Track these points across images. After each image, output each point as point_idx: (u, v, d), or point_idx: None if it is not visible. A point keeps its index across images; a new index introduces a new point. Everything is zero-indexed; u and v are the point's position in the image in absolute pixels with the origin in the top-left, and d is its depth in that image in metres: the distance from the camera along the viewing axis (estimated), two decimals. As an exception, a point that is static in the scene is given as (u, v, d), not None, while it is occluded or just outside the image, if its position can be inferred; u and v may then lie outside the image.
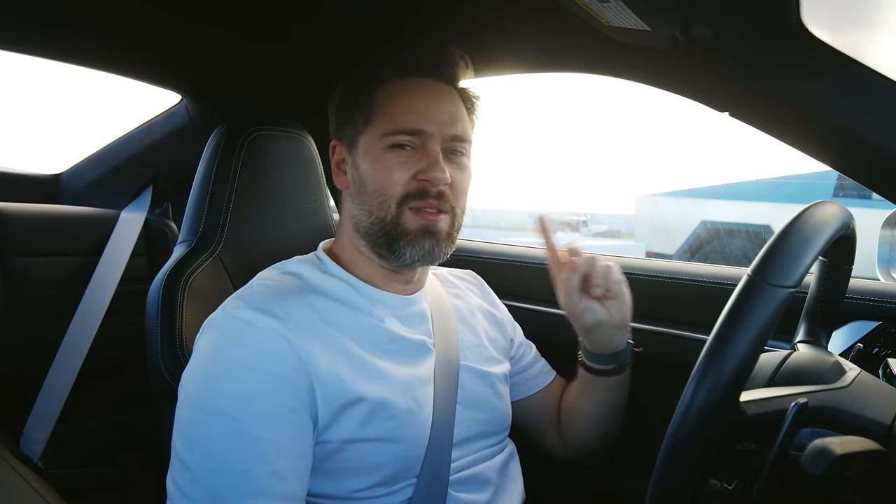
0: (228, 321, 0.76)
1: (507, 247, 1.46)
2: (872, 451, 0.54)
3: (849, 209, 0.67)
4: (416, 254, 0.83)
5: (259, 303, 0.77)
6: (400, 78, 0.86)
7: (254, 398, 0.72)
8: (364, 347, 0.81)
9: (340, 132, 0.89)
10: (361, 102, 0.86)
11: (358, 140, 0.86)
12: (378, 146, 0.84)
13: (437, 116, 0.84)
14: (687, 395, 0.54)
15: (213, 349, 0.75)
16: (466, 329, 0.97)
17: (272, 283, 0.83)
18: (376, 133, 0.84)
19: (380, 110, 0.84)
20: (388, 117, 0.84)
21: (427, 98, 0.85)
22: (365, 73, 0.88)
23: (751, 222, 4.76)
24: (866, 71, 0.76)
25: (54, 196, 1.59)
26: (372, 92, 0.86)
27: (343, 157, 0.89)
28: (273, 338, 0.74)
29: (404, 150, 0.83)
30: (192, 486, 0.70)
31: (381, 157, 0.83)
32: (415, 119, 0.83)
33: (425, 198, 0.82)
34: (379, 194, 0.83)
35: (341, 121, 0.89)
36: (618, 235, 7.39)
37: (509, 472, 0.94)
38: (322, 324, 0.80)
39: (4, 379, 1.29)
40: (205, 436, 0.72)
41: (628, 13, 0.71)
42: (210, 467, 0.70)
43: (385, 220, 0.83)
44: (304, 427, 0.74)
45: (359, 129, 0.86)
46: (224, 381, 0.73)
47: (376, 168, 0.84)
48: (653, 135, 11.50)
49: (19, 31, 1.01)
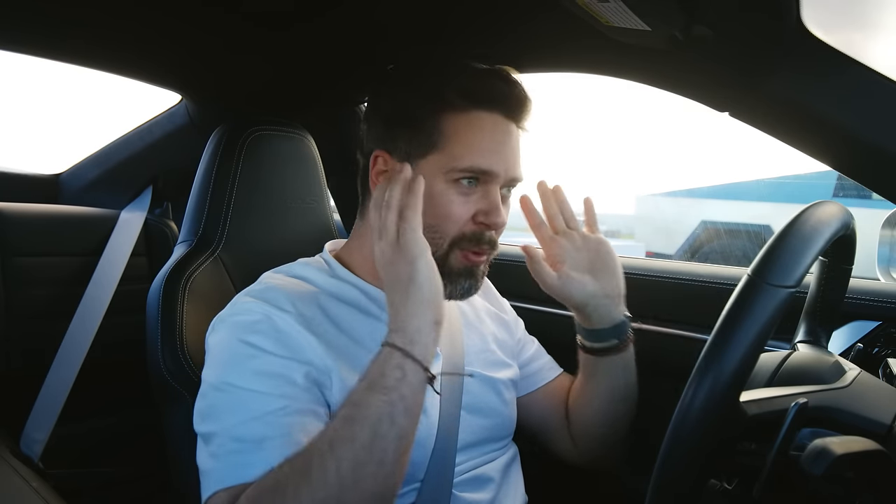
0: (241, 314, 0.77)
1: (508, 247, 1.46)
2: (872, 451, 0.54)
3: (849, 209, 0.67)
4: (455, 292, 0.83)
5: (271, 298, 0.78)
6: (472, 109, 0.81)
7: (272, 375, 0.73)
8: (369, 350, 0.81)
9: (391, 144, 0.83)
10: (426, 123, 0.81)
11: (416, 163, 0.81)
12: (441, 177, 0.80)
13: (505, 158, 0.82)
14: (687, 395, 0.54)
15: (227, 339, 0.76)
16: (473, 334, 0.96)
17: (281, 283, 0.83)
18: (443, 163, 0.80)
19: (450, 139, 0.80)
20: (460, 150, 0.79)
21: (499, 137, 0.82)
22: (433, 93, 0.82)
23: (751, 222, 4.76)
24: (866, 71, 0.76)
25: (54, 196, 1.59)
26: (441, 116, 0.81)
27: (386, 170, 0.83)
28: (286, 328, 0.76)
29: (467, 186, 0.81)
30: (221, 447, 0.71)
31: (443, 190, 0.80)
32: (487, 160, 0.80)
33: (479, 244, 0.82)
34: (433, 230, 0.80)
35: (393, 134, 0.83)
36: (618, 235, 7.38)
37: (511, 472, 0.94)
38: (330, 326, 0.80)
39: (4, 379, 1.29)
40: (227, 406, 0.72)
41: (628, 13, 0.71)
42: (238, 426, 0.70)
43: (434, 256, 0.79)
44: (321, 402, 0.75)
45: (420, 151, 0.81)
46: (241, 362, 0.74)
47: (436, 201, 0.80)
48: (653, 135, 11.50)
49: (19, 31, 1.01)
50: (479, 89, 0.81)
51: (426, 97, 0.82)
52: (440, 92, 0.81)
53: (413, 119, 0.82)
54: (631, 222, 6.39)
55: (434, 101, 0.81)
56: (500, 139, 0.82)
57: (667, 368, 0.96)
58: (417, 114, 0.82)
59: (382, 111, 0.86)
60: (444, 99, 0.81)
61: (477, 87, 0.81)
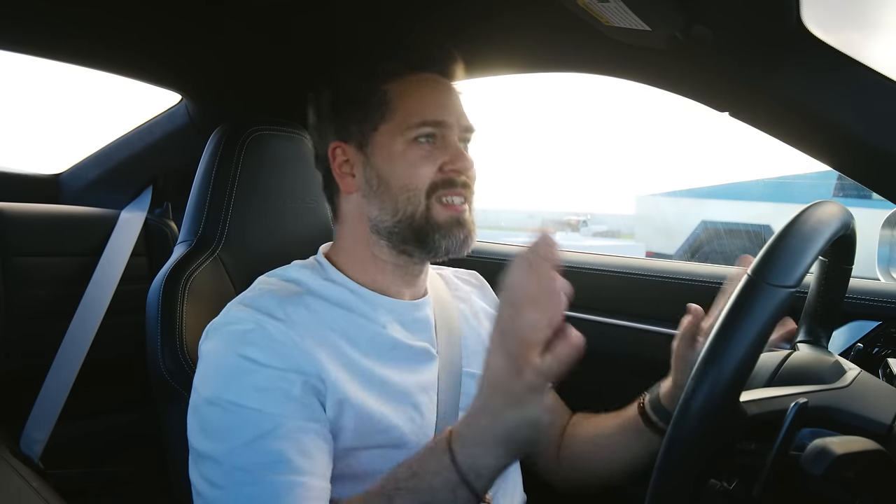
0: (234, 323, 0.77)
1: (508, 247, 1.46)
2: (872, 451, 0.54)
3: (849, 209, 0.67)
4: (452, 245, 0.83)
5: (263, 307, 0.78)
6: (411, 73, 0.85)
7: (268, 390, 0.72)
8: (366, 354, 0.81)
9: (342, 132, 0.87)
10: (371, 99, 0.84)
11: (371, 138, 0.85)
12: (399, 141, 0.83)
13: (452, 106, 0.85)
14: (687, 395, 0.54)
15: (221, 350, 0.75)
16: (471, 334, 0.96)
17: (274, 288, 0.83)
18: (396, 128, 0.83)
19: (397, 105, 0.84)
20: (409, 111, 0.83)
21: (443, 92, 0.86)
22: (370, 69, 0.86)
23: (751, 222, 4.76)
24: (866, 71, 0.76)
25: (54, 196, 1.59)
26: (382, 87, 0.84)
27: (347, 159, 0.87)
28: (280, 338, 0.75)
29: (426, 144, 0.83)
30: (221, 474, 0.70)
31: (403, 151, 0.82)
32: (436, 111, 0.83)
33: (454, 187, 0.83)
34: (405, 189, 0.82)
35: (343, 120, 0.87)
36: (618, 235, 7.38)
37: (509, 473, 0.94)
38: (325, 329, 0.79)
39: (4, 379, 1.29)
40: (227, 427, 0.72)
41: (628, 13, 0.71)
42: (237, 452, 0.70)
43: (415, 216, 0.82)
44: (320, 413, 0.75)
45: (370, 126, 0.84)
46: (237, 377, 0.73)
47: (399, 163, 0.82)
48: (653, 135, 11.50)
49: (19, 31, 1.01)
50: (414, 55, 0.86)
51: (366, 75, 0.86)
52: (377, 66, 0.85)
53: (358, 100, 0.85)
54: (631, 222, 6.40)
55: (374, 76, 0.85)
56: (444, 94, 0.86)
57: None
58: (361, 93, 0.85)
59: (327, 102, 0.88)
60: (384, 70, 0.85)
61: (412, 53, 0.86)
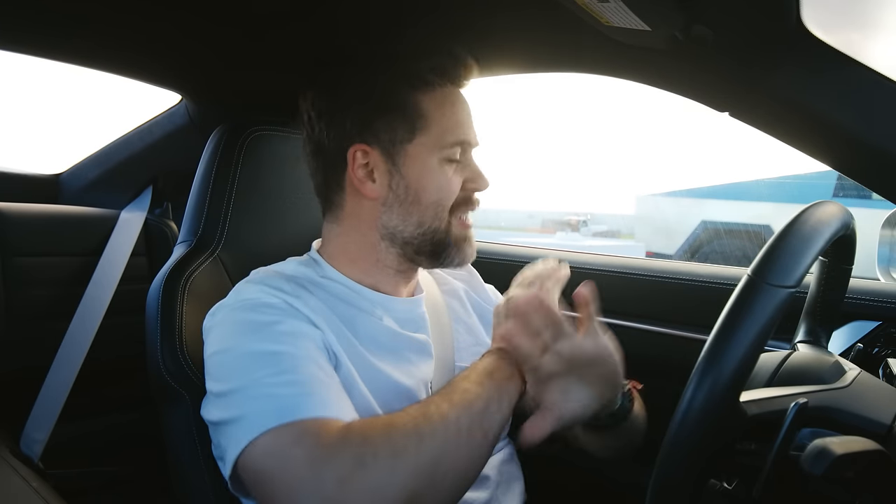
0: (248, 296, 0.77)
1: (508, 247, 1.47)
2: (872, 451, 0.54)
3: (849, 209, 0.67)
4: (463, 259, 0.88)
5: (273, 283, 0.79)
6: (439, 85, 0.85)
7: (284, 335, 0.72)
8: (366, 346, 0.81)
9: (367, 136, 0.84)
10: (406, 108, 0.83)
11: (403, 148, 0.83)
12: (435, 157, 0.83)
13: (473, 127, 0.88)
14: (687, 395, 0.54)
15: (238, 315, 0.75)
16: (462, 329, 0.96)
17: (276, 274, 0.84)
18: (434, 143, 0.83)
19: (431, 119, 0.83)
20: (447, 128, 0.84)
21: (466, 108, 0.88)
22: (405, 75, 0.84)
23: (751, 222, 4.76)
24: (866, 71, 0.76)
25: (54, 196, 1.59)
26: (415, 96, 0.83)
27: (367, 163, 0.84)
28: (289, 308, 0.76)
29: (455, 160, 0.85)
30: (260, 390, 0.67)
31: (437, 167, 0.84)
32: (467, 131, 0.86)
33: (471, 204, 0.87)
34: (436, 205, 0.84)
35: (369, 124, 0.84)
36: (618, 235, 7.38)
37: (509, 470, 0.94)
38: (328, 311, 0.80)
39: (4, 379, 1.29)
40: (242, 365, 0.70)
41: (628, 13, 0.71)
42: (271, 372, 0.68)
43: (437, 231, 0.85)
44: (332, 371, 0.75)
45: (404, 136, 0.83)
46: (249, 332, 0.73)
47: (435, 179, 0.84)
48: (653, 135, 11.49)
49: (19, 31, 1.01)
50: (448, 66, 0.85)
51: (401, 79, 0.84)
52: (416, 72, 0.84)
53: (390, 104, 0.83)
54: (631, 222, 6.40)
55: (411, 82, 0.84)
56: (467, 110, 0.88)
57: (667, 368, 0.96)
58: (395, 99, 0.83)
59: (349, 101, 0.85)
60: (421, 78, 0.84)
61: (447, 64, 0.85)
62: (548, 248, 1.43)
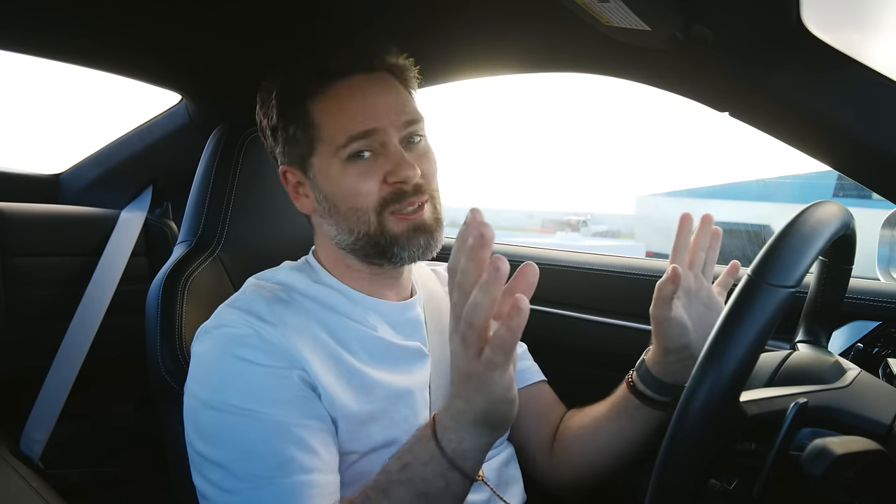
0: (227, 326, 0.76)
1: (507, 247, 1.46)
2: (872, 451, 0.54)
3: (849, 209, 0.67)
4: (414, 253, 0.81)
5: (254, 310, 0.77)
6: (327, 85, 0.80)
7: (264, 388, 0.72)
8: (357, 357, 0.80)
9: (287, 156, 0.84)
10: (298, 122, 0.81)
11: (309, 162, 0.82)
12: (335, 163, 0.79)
13: (382, 108, 0.79)
14: (687, 395, 0.54)
15: (215, 352, 0.75)
16: None
17: (264, 291, 0.82)
18: (327, 149, 0.80)
19: (322, 125, 0.80)
20: (335, 129, 0.79)
21: (365, 95, 0.80)
22: (292, 89, 0.82)
23: (751, 222, 4.76)
24: (866, 71, 0.76)
25: (54, 196, 1.59)
26: (304, 108, 0.81)
27: (298, 181, 0.85)
28: (273, 340, 0.75)
29: (363, 158, 0.79)
30: (230, 480, 0.70)
31: (341, 172, 0.79)
32: (362, 120, 0.78)
33: (403, 199, 0.79)
34: (353, 211, 0.80)
35: (282, 146, 0.84)
36: (618, 235, 7.38)
37: (508, 472, 0.94)
38: (316, 331, 0.79)
39: (4, 379, 1.29)
40: (229, 431, 0.71)
41: (628, 13, 0.71)
42: (243, 457, 0.70)
43: (369, 233, 0.80)
44: (319, 407, 0.75)
45: (306, 150, 0.82)
46: (232, 378, 0.73)
47: (341, 185, 0.79)
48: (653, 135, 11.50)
49: (20, 31, 1.01)
50: (322, 64, 0.80)
51: (285, 100, 0.82)
52: (292, 88, 0.81)
53: (289, 124, 0.82)
54: (631, 222, 6.41)
55: (297, 97, 0.81)
56: (369, 98, 0.79)
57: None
58: (289, 116, 0.82)
59: (267, 127, 0.86)
60: (303, 90, 0.81)
61: (320, 63, 0.80)
62: (548, 248, 1.43)
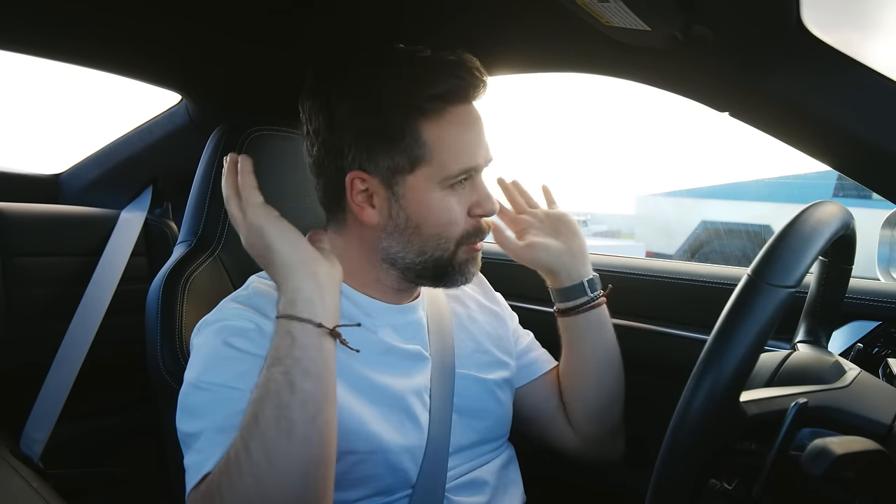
0: (228, 319, 0.77)
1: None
2: (872, 451, 0.54)
3: (849, 209, 0.67)
4: (465, 280, 0.86)
5: (257, 305, 0.78)
6: (446, 109, 0.79)
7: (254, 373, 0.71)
8: (356, 359, 0.80)
9: (366, 164, 0.79)
10: (405, 135, 0.77)
11: (404, 178, 0.79)
12: (437, 188, 0.79)
13: (484, 148, 0.83)
14: (687, 395, 0.54)
15: (213, 341, 0.75)
16: (465, 336, 0.95)
17: (267, 288, 0.82)
18: (435, 174, 0.78)
19: (435, 148, 0.78)
20: (449, 158, 0.78)
21: (475, 127, 0.82)
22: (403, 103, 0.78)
23: (751, 222, 4.76)
24: (866, 71, 0.76)
25: (54, 196, 1.59)
26: (418, 125, 0.77)
27: (367, 189, 0.80)
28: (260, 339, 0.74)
29: (460, 188, 0.81)
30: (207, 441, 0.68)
31: (441, 199, 0.80)
32: (473, 157, 0.80)
33: (480, 236, 0.85)
34: (438, 237, 0.81)
35: (368, 152, 0.79)
36: (618, 235, 7.37)
37: (508, 475, 0.94)
38: None
39: (4, 379, 1.29)
40: (208, 405, 0.71)
41: (628, 13, 0.71)
42: (221, 427, 0.69)
43: (441, 259, 0.82)
44: None
45: (403, 167, 0.78)
46: (223, 362, 0.73)
47: (436, 211, 0.80)
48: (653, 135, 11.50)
49: (19, 30, 1.01)
50: (449, 89, 0.78)
51: (397, 108, 0.78)
52: (411, 100, 0.77)
53: (389, 134, 0.78)
54: (631, 222, 6.40)
55: (408, 111, 0.77)
56: (476, 130, 0.82)
57: (667, 368, 0.96)
58: (393, 129, 0.78)
59: (345, 126, 0.79)
60: (418, 107, 0.77)
61: (447, 87, 0.78)
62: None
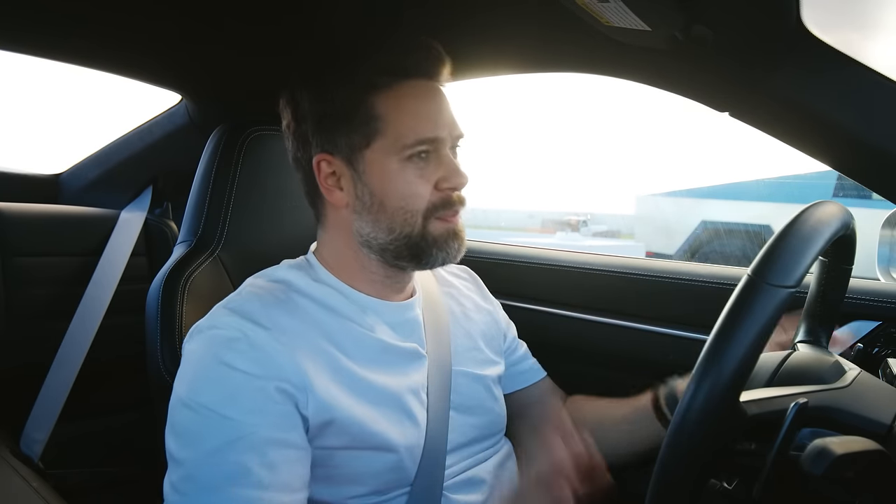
0: (218, 328, 0.76)
1: (507, 247, 1.46)
2: (872, 451, 0.54)
3: (849, 209, 0.67)
4: (448, 256, 0.83)
5: (247, 312, 0.77)
6: (398, 82, 0.80)
7: (242, 395, 0.71)
8: (353, 359, 0.80)
9: (328, 145, 0.82)
10: (360, 113, 0.80)
11: (362, 154, 0.80)
12: (394, 160, 0.79)
13: (446, 118, 0.82)
14: (687, 395, 0.54)
15: (202, 353, 0.75)
16: (461, 333, 0.95)
17: (261, 291, 0.81)
18: (390, 146, 0.79)
19: (390, 121, 0.79)
20: (403, 128, 0.79)
21: (433, 102, 0.82)
22: (355, 80, 0.81)
23: (751, 222, 4.76)
24: (866, 71, 0.76)
25: (54, 196, 1.59)
26: (369, 99, 0.80)
27: (334, 171, 0.83)
28: (263, 346, 0.74)
29: (421, 160, 0.80)
30: (186, 482, 0.70)
31: (399, 171, 0.79)
32: (430, 127, 0.80)
33: (450, 207, 0.82)
34: (403, 211, 0.80)
35: (328, 134, 0.82)
36: (618, 235, 7.38)
37: (505, 472, 0.94)
38: (312, 334, 0.79)
39: (4, 379, 1.30)
40: (196, 433, 0.71)
41: (628, 13, 0.71)
42: (202, 461, 0.69)
43: (411, 235, 0.81)
44: (296, 422, 0.73)
45: (361, 143, 0.80)
46: (213, 381, 0.72)
47: (395, 183, 0.80)
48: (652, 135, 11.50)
49: (19, 30, 1.01)
50: (399, 61, 0.80)
51: (352, 86, 0.80)
52: (361, 76, 0.80)
53: (343, 112, 0.80)
54: (631, 222, 6.40)
55: (359, 87, 0.80)
56: (435, 103, 0.82)
57: (667, 368, 0.96)
58: (347, 106, 0.80)
59: (307, 112, 0.83)
60: (369, 82, 0.80)
61: (397, 59, 0.80)
62: (548, 248, 1.43)
